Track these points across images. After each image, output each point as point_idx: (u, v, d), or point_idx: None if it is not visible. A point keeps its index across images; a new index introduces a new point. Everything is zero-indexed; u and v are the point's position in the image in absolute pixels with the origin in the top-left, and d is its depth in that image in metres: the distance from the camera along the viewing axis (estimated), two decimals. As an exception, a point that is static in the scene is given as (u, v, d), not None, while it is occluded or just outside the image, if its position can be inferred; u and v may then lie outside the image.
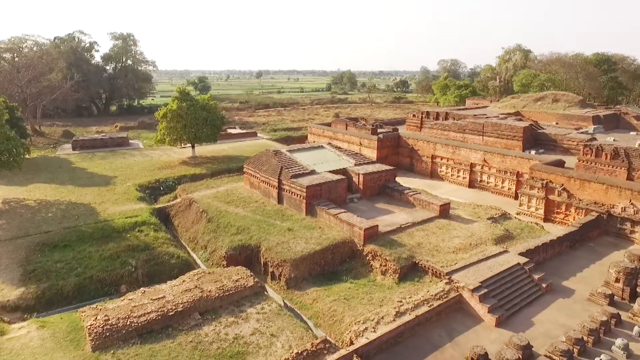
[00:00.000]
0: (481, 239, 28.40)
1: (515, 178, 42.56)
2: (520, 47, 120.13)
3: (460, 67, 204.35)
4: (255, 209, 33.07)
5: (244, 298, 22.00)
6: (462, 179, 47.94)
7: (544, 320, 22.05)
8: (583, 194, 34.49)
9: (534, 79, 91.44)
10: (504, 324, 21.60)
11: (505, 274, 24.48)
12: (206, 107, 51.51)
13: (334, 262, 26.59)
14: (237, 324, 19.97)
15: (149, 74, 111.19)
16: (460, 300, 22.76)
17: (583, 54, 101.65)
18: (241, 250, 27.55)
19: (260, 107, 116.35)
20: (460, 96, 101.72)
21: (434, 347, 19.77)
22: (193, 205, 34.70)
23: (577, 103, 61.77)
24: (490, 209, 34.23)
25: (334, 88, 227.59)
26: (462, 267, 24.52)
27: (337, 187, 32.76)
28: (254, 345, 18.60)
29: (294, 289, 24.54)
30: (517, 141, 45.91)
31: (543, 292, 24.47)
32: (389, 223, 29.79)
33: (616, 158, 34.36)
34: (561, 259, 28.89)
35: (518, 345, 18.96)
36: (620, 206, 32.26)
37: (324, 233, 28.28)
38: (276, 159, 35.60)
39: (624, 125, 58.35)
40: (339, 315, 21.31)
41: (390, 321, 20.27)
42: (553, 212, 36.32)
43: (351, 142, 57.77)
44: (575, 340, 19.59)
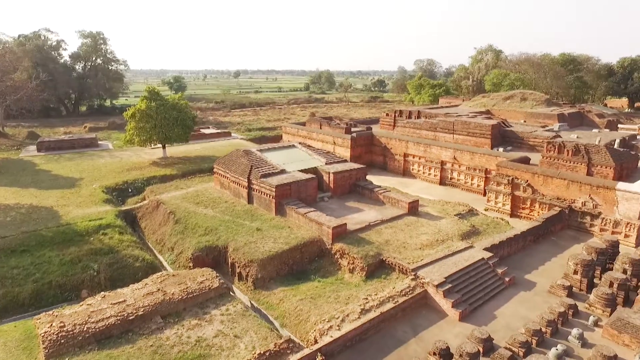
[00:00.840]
0: (448, 235, 28.86)
1: (483, 175, 43.51)
2: (492, 47, 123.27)
3: (436, 67, 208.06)
4: (225, 210, 32.66)
5: (209, 300, 21.68)
6: (433, 176, 48.68)
7: (506, 313, 22.59)
8: (546, 190, 35.53)
9: (505, 79, 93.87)
10: (468, 318, 22.01)
11: (470, 269, 24.95)
12: (176, 107, 50.54)
13: (302, 261, 26.52)
14: (200, 326, 19.65)
15: (120, 74, 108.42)
16: (425, 296, 23.07)
17: (550, 54, 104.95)
18: (208, 252, 27.14)
19: (236, 106, 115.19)
20: (434, 95, 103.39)
21: (399, 343, 19.97)
22: (161, 207, 33.98)
23: (544, 102, 63.70)
24: (458, 206, 34.86)
25: (312, 88, 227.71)
26: (428, 263, 24.86)
27: (307, 186, 32.69)
28: (216, 347, 18.33)
29: (261, 289, 24.33)
30: (485, 139, 46.92)
31: (506, 286, 25.07)
32: (358, 221, 29.93)
33: (577, 154, 35.51)
34: (525, 253, 29.68)
35: (479, 339, 19.35)
36: (581, 201, 33.40)
37: (292, 232, 28.17)
38: (246, 158, 35.25)
39: (587, 122, 60.57)
40: (304, 315, 21.24)
41: (356, 319, 20.35)
42: (519, 207, 37.29)
43: (325, 142, 57.88)
44: (533, 331, 20.14)
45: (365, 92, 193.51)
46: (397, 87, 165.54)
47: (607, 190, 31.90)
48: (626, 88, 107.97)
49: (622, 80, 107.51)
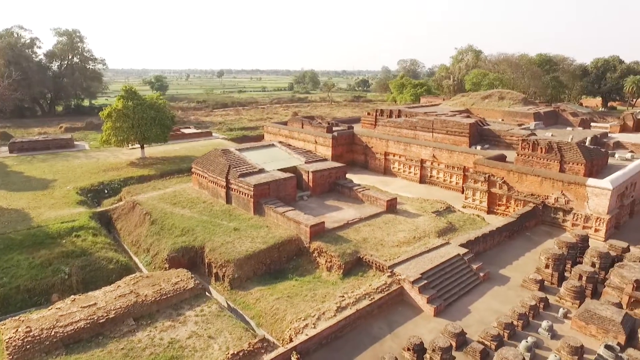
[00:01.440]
0: (425, 232, 29.18)
1: (462, 173, 44.11)
2: (472, 47, 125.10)
3: (419, 67, 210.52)
4: (203, 210, 32.32)
5: (184, 301, 21.42)
6: (413, 174, 49.13)
7: (480, 308, 22.95)
8: (521, 186, 36.26)
9: (484, 78, 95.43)
10: (443, 314, 22.29)
11: (446, 265, 25.28)
12: (154, 106, 49.76)
13: (280, 260, 26.43)
14: (173, 327, 19.39)
15: (98, 73, 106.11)
16: (401, 293, 23.26)
17: (528, 54, 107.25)
18: (184, 252, 26.81)
19: (218, 106, 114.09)
20: (416, 94, 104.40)
21: (374, 340, 20.08)
22: (137, 208, 33.40)
23: (521, 101, 65.00)
24: (436, 203, 35.28)
25: (296, 87, 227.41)
26: (405, 260, 25.08)
27: (285, 185, 32.61)
28: (190, 348, 18.12)
29: (238, 289, 24.16)
30: (463, 137, 47.62)
31: (481, 281, 25.48)
32: (337, 219, 30.02)
33: (550, 152, 36.35)
34: (500, 248, 30.22)
35: (452, 333, 19.64)
36: (554, 197, 34.20)
37: (270, 232, 28.05)
38: (224, 158, 34.95)
39: (562, 121, 62.05)
40: (281, 314, 21.18)
41: (331, 316, 20.40)
42: (495, 204, 37.95)
43: (307, 141, 57.83)
44: (505, 325, 20.53)
45: (350, 91, 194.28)
46: (380, 87, 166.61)
47: (578, 187, 32.75)
48: (600, 88, 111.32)
49: (596, 80, 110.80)
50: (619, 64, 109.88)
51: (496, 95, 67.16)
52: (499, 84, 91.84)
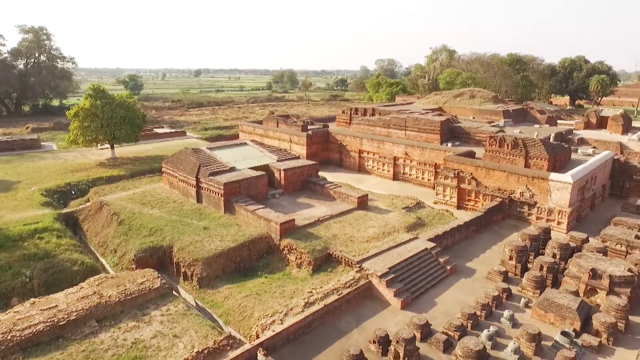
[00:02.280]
0: (394, 227, 29.62)
1: (433, 169, 44.97)
2: (446, 47, 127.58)
3: (396, 67, 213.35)
4: (172, 209, 31.88)
5: (149, 301, 21.10)
6: (386, 172, 49.77)
7: (446, 300, 23.51)
8: (489, 182, 37.26)
9: (457, 77, 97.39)
10: (410, 307, 22.72)
11: (413, 259, 25.76)
12: (124, 105, 48.64)
13: (250, 258, 26.35)
14: (138, 328, 19.09)
15: (68, 71, 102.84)
16: (370, 287, 23.58)
17: (499, 54, 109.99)
18: (152, 252, 26.40)
19: (194, 105, 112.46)
20: (392, 93, 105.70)
21: (342, 334, 20.30)
22: (104, 208, 32.64)
23: (491, 99, 66.70)
24: (407, 199, 35.85)
25: (274, 87, 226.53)
26: (373, 255, 25.42)
27: (257, 183, 32.51)
28: (153, 348, 17.88)
29: (207, 288, 23.97)
30: (435, 135, 48.51)
31: (448, 274, 26.09)
32: (308, 217, 30.14)
33: (516, 147, 37.46)
34: (467, 242, 31.00)
35: (417, 325, 20.06)
36: (519, 191, 35.30)
37: (240, 230, 27.93)
38: (195, 157, 34.55)
39: (530, 119, 63.99)
40: (249, 311, 21.15)
41: (299, 312, 20.50)
42: (465, 199, 38.87)
43: (282, 139, 57.81)
44: (469, 315, 21.11)
45: (328, 91, 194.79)
46: (357, 86, 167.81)
47: (542, 181, 33.91)
48: (567, 87, 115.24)
49: (564, 79, 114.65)
50: (584, 64, 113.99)
51: (467, 93, 68.69)
52: (471, 83, 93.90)
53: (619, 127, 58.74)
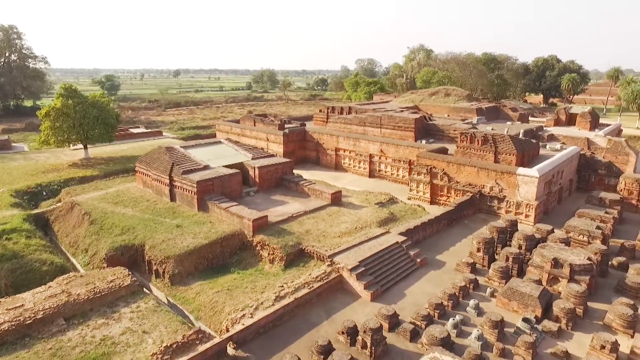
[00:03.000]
0: (367, 222, 30.17)
1: (408, 166, 45.79)
2: (423, 47, 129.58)
3: (376, 67, 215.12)
4: (145, 208, 31.66)
5: (119, 298, 21.03)
6: (363, 169, 50.42)
7: (415, 292, 24.12)
8: (460, 177, 38.25)
9: (433, 76, 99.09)
10: (380, 298, 23.23)
11: (384, 253, 26.31)
12: (97, 105, 47.86)
13: (223, 255, 26.46)
14: (107, 325, 19.03)
15: (41, 71, 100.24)
16: (341, 280, 24.00)
17: (474, 53, 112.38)
18: (124, 251, 26.23)
19: (171, 105, 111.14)
20: (369, 92, 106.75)
21: (312, 326, 20.64)
22: (75, 208, 32.17)
23: (465, 97, 68.21)
24: (380, 195, 36.47)
25: (254, 87, 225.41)
26: (345, 249, 25.87)
27: (231, 181, 32.57)
28: (122, 344, 17.88)
29: (179, 285, 23.98)
30: (409, 132, 49.41)
31: (418, 267, 26.75)
32: (281, 213, 30.40)
33: (485, 143, 38.54)
34: (438, 236, 31.78)
35: (385, 316, 20.58)
36: (489, 186, 36.37)
37: (214, 227, 28.00)
38: (168, 155, 34.38)
39: (503, 116, 65.73)
40: (219, 306, 21.30)
41: (270, 306, 20.76)
42: (437, 195, 39.78)
43: (259, 138, 57.84)
44: (435, 305, 21.76)
45: (308, 90, 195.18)
46: (336, 85, 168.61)
47: (510, 175, 35.03)
48: (540, 85, 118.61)
49: (537, 78, 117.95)
50: (557, 63, 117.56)
51: (442, 92, 70.06)
52: (447, 82, 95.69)
53: (587, 123, 60.91)
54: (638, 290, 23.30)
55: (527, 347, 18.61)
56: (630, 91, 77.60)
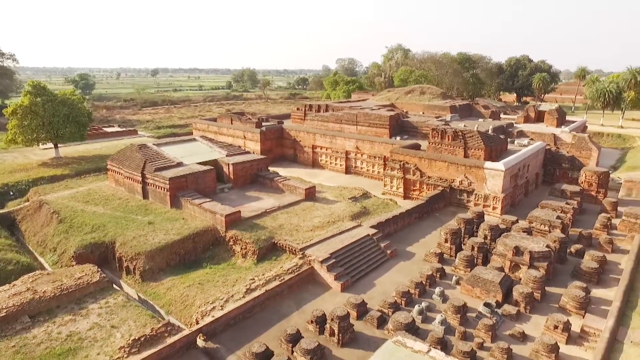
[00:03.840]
0: (339, 216, 30.72)
1: (382, 162, 46.58)
2: (401, 46, 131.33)
3: (357, 66, 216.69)
4: (117, 206, 31.40)
5: (88, 295, 20.94)
6: (339, 166, 51.04)
7: (385, 282, 24.78)
8: (431, 172, 39.25)
9: (410, 75, 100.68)
10: (349, 289, 23.80)
11: (355, 245, 26.91)
12: (67, 102, 46.93)
13: (195, 251, 26.55)
14: (74, 321, 18.96)
15: (9, 69, 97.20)
16: (312, 272, 24.46)
17: (450, 53, 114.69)
18: (94, 248, 26.01)
19: (147, 104, 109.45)
20: (348, 91, 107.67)
21: (282, 317, 21.02)
22: (44, 207, 31.63)
23: (439, 95, 69.73)
24: (354, 190, 37.12)
25: (235, 86, 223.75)
26: (316, 242, 26.35)
27: (204, 177, 32.61)
28: (89, 339, 17.87)
29: (150, 281, 23.98)
30: (384, 129, 50.31)
31: (388, 258, 27.44)
32: (255, 209, 30.65)
33: (455, 139, 39.66)
34: (410, 229, 32.62)
35: (353, 304, 21.16)
36: (458, 180, 37.47)
37: (186, 223, 28.04)
38: (140, 153, 34.14)
39: (475, 114, 67.50)
40: (190, 300, 21.46)
41: (240, 298, 21.05)
42: (410, 189, 40.69)
43: (236, 136, 57.74)
44: (402, 293, 22.46)
45: (289, 90, 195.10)
46: (316, 84, 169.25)
47: (478, 169, 36.19)
48: (513, 84, 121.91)
49: (510, 77, 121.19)
50: (528, 63, 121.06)
51: (418, 90, 71.41)
52: (424, 81, 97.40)
53: (554, 120, 63.22)
54: (592, 275, 24.61)
55: (487, 330, 19.50)
56: (595, 89, 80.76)
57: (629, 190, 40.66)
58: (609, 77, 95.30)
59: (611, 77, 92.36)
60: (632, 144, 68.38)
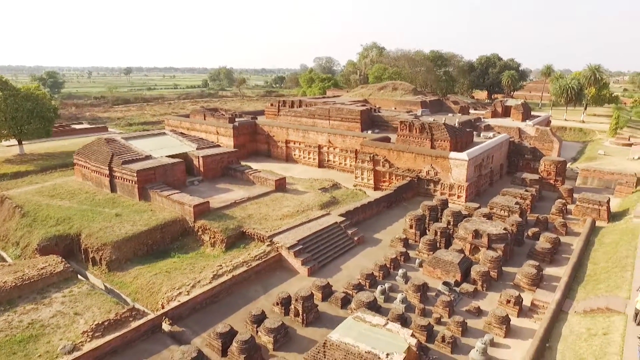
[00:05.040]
0: (309, 206, 31.30)
1: (354, 155, 47.45)
2: (376, 44, 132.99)
3: (334, 65, 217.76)
4: (84, 200, 31.04)
5: (51, 285, 20.80)
6: (312, 160, 51.63)
7: (351, 266, 25.51)
8: (400, 163, 40.35)
9: (384, 72, 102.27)
10: (316, 273, 24.40)
11: (323, 232, 27.54)
12: (31, 98, 45.74)
13: (164, 241, 26.61)
14: (36, 310, 18.86)
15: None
16: (280, 259, 24.96)
17: (423, 51, 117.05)
18: (58, 241, 25.71)
19: (119, 102, 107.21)
20: (324, 88, 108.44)
21: (249, 301, 21.43)
22: (6, 202, 30.93)
23: (411, 91, 71.30)
24: (325, 181, 37.78)
25: (211, 84, 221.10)
26: (285, 230, 26.85)
27: (173, 170, 32.59)
28: (52, 326, 17.84)
29: (116, 271, 23.94)
30: (356, 123, 51.23)
31: (355, 244, 28.20)
32: (225, 200, 30.89)
33: (422, 131, 40.90)
34: (378, 217, 33.51)
35: (318, 286, 21.79)
36: (425, 170, 38.67)
37: (154, 215, 28.03)
38: (108, 146, 33.80)
39: (445, 109, 69.39)
40: (157, 287, 21.61)
41: (207, 284, 21.34)
42: (380, 181, 41.68)
43: (208, 132, 57.55)
44: (366, 275, 23.24)
45: (266, 88, 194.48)
46: (292, 82, 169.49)
47: (444, 160, 37.46)
48: (484, 81, 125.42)
49: (481, 75, 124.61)
50: (498, 61, 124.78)
51: (390, 86, 72.80)
52: (397, 78, 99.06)
53: (519, 115, 65.79)
54: (545, 255, 26.04)
55: (445, 306, 20.48)
56: (559, 86, 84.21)
57: (584, 178, 42.85)
58: (571, 75, 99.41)
59: (574, 75, 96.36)
60: (592, 138, 71.67)
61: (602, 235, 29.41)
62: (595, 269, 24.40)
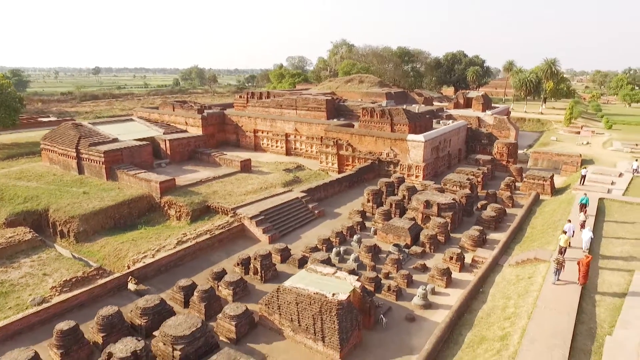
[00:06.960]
0: (272, 184, 32.95)
1: (320, 142, 49.23)
2: (346, 41, 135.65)
3: (307, 64, 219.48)
4: (52, 181, 31.63)
5: (20, 252, 21.69)
6: (280, 148, 53.17)
7: (310, 235, 27.27)
8: (362, 147, 42.49)
9: (353, 68, 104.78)
10: (277, 241, 26.00)
11: (284, 206, 29.24)
12: (-5, 87, 45.48)
13: (131, 215, 27.67)
14: (5, 272, 19.79)
15: None
16: (242, 229, 26.48)
17: (391, 47, 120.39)
18: (26, 216, 26.39)
19: (87, 98, 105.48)
20: (294, 84, 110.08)
21: (212, 264, 22.86)
22: (-29, 185, 31.17)
23: (377, 83, 73.92)
24: (289, 164, 39.50)
25: (183, 84, 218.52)
26: (248, 204, 28.40)
27: (140, 151, 33.55)
28: (21, 285, 18.84)
29: (84, 242, 24.89)
30: (322, 112, 53.10)
31: (316, 217, 30.02)
32: (191, 179, 32.14)
33: (383, 116, 43.19)
34: (340, 195, 35.45)
35: (277, 250, 23.46)
36: (385, 152, 40.96)
37: (122, 192, 29.03)
38: (75, 130, 34.41)
39: (410, 100, 72.32)
40: (124, 253, 22.77)
41: (171, 249, 22.67)
42: (344, 164, 43.70)
43: (177, 123, 57.86)
44: (323, 240, 25.09)
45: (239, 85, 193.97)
46: (263, 79, 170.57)
47: (402, 142, 39.83)
48: (451, 77, 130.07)
49: (447, 71, 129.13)
50: (464, 57, 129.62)
51: (357, 79, 75.21)
52: (365, 73, 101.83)
53: (480, 105, 69.37)
54: (490, 222, 28.56)
55: (393, 263, 22.54)
56: (518, 79, 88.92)
57: (535, 160, 46.23)
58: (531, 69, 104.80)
59: (532, 69, 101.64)
60: (549, 127, 76.31)
61: (543, 206, 32.31)
62: (532, 232, 27.08)
